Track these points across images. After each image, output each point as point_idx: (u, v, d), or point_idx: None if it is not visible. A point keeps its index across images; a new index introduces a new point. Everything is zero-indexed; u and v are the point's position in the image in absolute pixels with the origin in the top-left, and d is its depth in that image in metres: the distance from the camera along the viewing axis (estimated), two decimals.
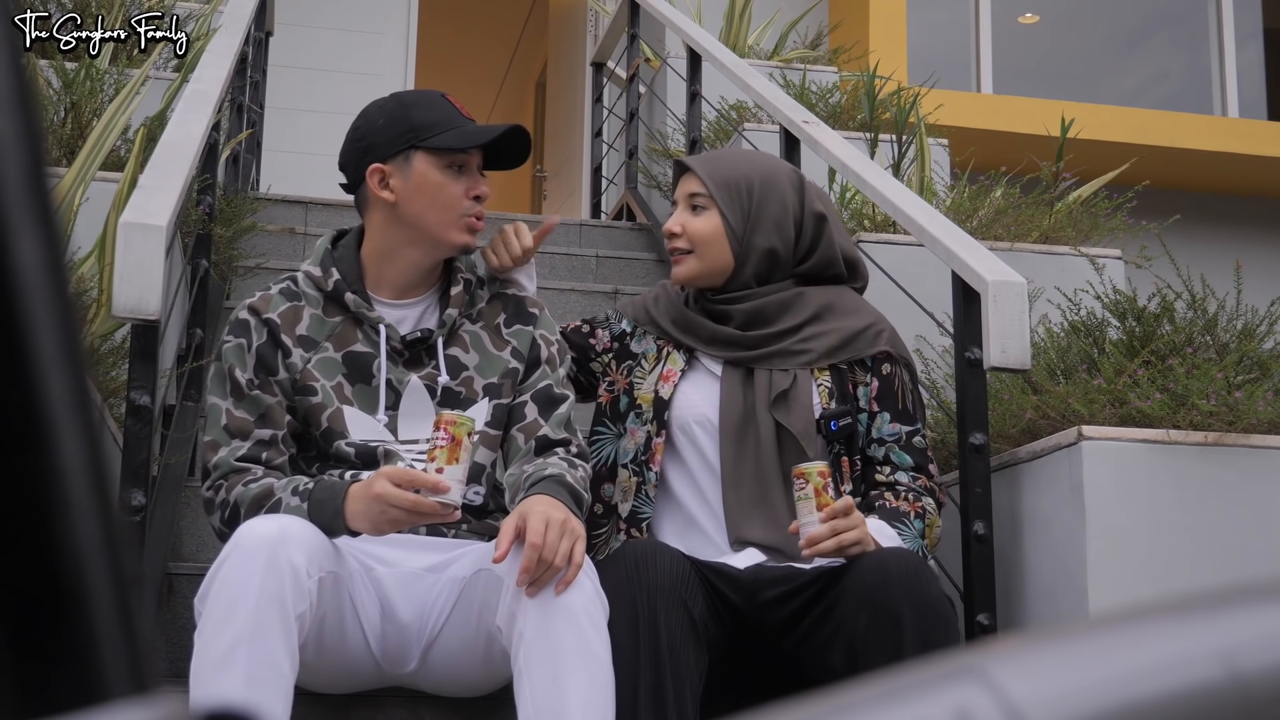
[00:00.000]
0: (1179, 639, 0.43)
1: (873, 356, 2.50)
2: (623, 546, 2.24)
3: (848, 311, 2.53)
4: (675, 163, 2.67)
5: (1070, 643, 0.43)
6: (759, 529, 2.37)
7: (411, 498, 2.02)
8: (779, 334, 2.49)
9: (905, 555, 2.21)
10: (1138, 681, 0.42)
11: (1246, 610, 0.44)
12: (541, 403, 2.38)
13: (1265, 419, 2.56)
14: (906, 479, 2.46)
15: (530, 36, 11.86)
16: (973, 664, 0.41)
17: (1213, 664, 0.42)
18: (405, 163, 2.33)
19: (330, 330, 2.33)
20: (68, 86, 3.57)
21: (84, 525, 0.37)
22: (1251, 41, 9.11)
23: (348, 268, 2.37)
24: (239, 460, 2.24)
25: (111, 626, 0.37)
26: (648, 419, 2.49)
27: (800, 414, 2.42)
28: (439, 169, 2.33)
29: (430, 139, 2.32)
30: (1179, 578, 2.51)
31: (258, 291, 2.39)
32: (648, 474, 2.46)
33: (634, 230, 5.58)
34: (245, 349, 2.30)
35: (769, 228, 2.53)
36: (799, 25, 6.19)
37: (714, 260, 2.54)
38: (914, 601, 2.12)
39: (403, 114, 2.36)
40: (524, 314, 2.45)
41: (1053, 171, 4.13)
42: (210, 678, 1.92)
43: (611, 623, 2.08)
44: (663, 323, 2.58)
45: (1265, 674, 0.42)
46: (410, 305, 2.39)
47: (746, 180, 2.55)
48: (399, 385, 2.32)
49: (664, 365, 2.54)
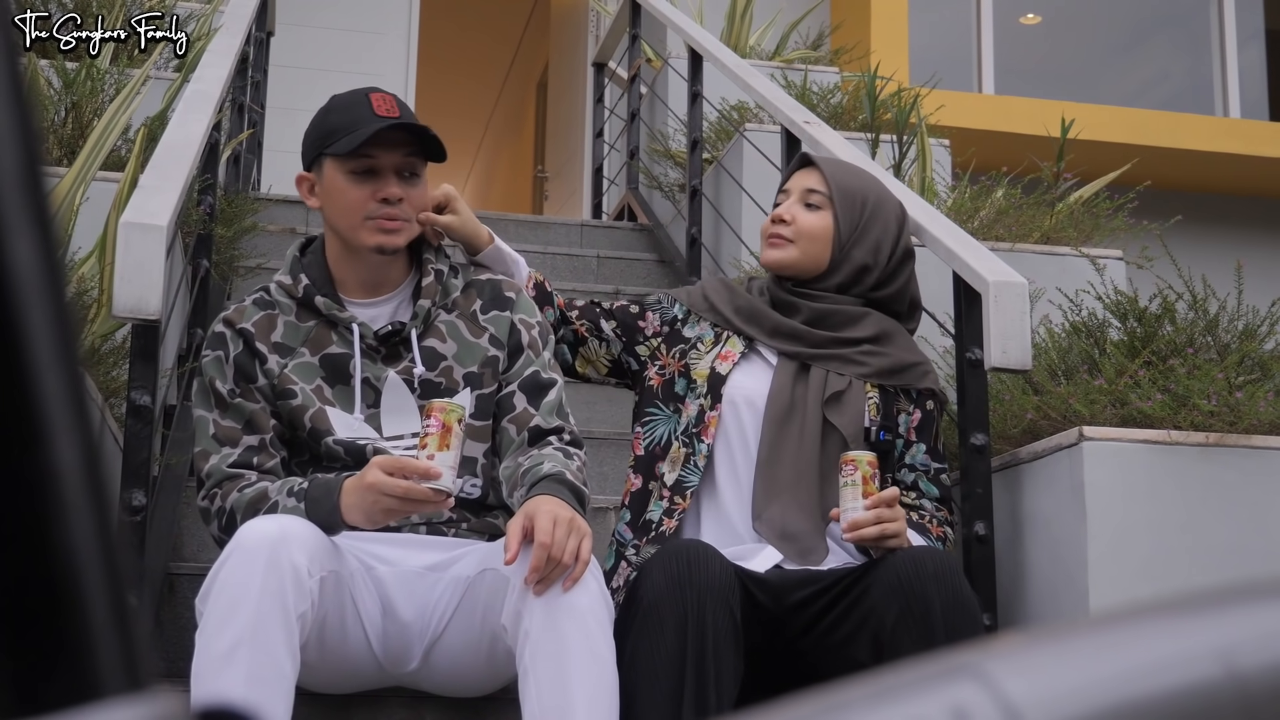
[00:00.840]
0: (1177, 637, 0.43)
1: (919, 390, 2.55)
2: (671, 545, 2.24)
3: (903, 346, 2.59)
4: (800, 155, 2.73)
5: (1068, 641, 0.43)
6: (779, 511, 2.38)
7: (404, 484, 2.02)
8: (841, 340, 2.54)
9: (939, 552, 2.27)
10: (1136, 680, 0.41)
11: (1245, 609, 0.44)
12: (530, 390, 2.36)
13: (1266, 419, 2.56)
14: (931, 506, 2.52)
15: (532, 37, 11.86)
16: (970, 662, 0.41)
17: (1211, 662, 0.42)
18: (321, 170, 2.34)
19: (305, 335, 2.34)
20: (68, 86, 3.56)
21: (80, 525, 0.37)
22: (1253, 42, 9.11)
23: (316, 272, 2.37)
24: (231, 466, 2.25)
25: (107, 625, 0.37)
26: (702, 393, 2.51)
27: (852, 417, 2.47)
28: (343, 175, 2.31)
29: (331, 145, 2.30)
30: (1180, 578, 2.51)
31: (231, 304, 2.40)
32: (698, 445, 2.48)
33: (635, 231, 5.58)
34: (223, 360, 2.31)
35: (869, 245, 2.59)
36: (800, 26, 6.18)
37: (812, 257, 2.58)
38: (946, 596, 2.15)
39: (321, 121, 2.35)
40: (500, 299, 2.43)
41: (1054, 172, 4.13)
42: (211, 677, 1.92)
43: (658, 619, 2.09)
44: (724, 311, 2.61)
45: (1264, 672, 0.42)
46: (383, 302, 2.39)
47: (864, 194, 2.62)
48: (377, 383, 2.32)
49: (723, 346, 2.57)
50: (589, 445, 3.57)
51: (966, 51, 8.63)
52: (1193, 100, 8.93)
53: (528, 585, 2.02)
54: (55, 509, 0.37)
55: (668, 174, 5.49)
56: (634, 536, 2.47)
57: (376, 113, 2.29)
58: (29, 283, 0.39)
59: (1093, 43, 9.32)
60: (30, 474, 0.37)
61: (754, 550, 2.39)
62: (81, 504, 0.38)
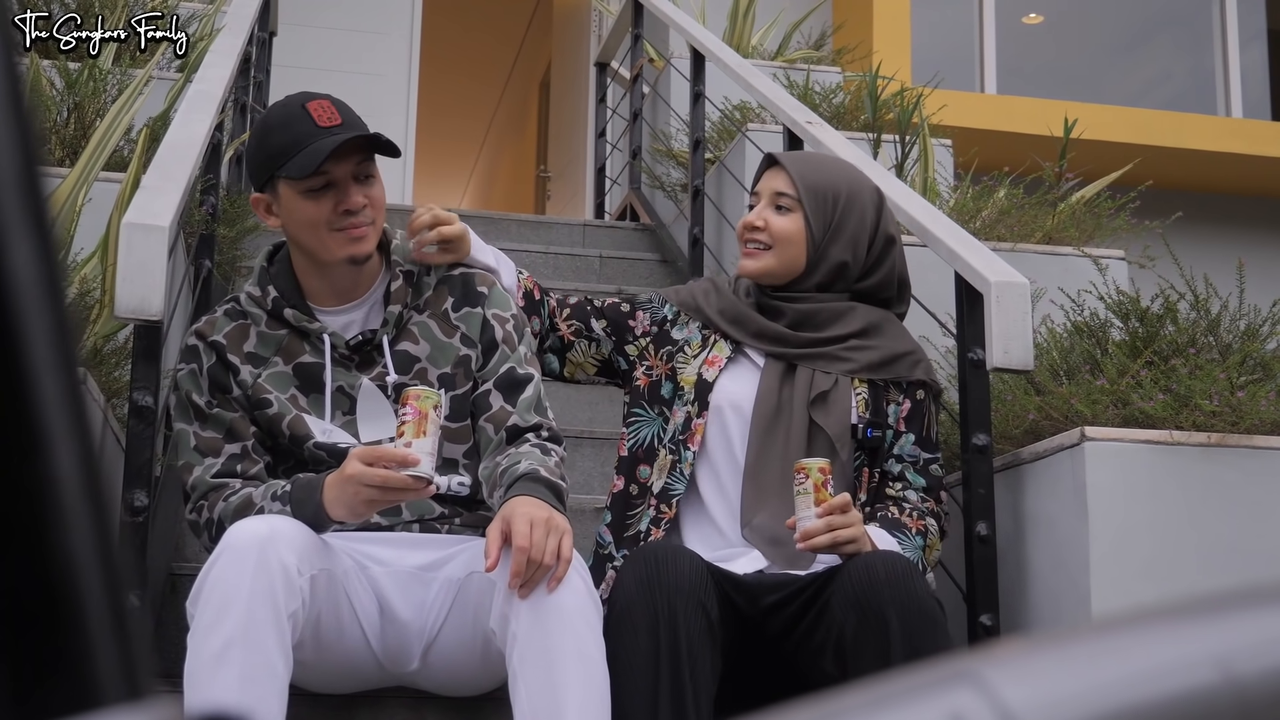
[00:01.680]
0: (1175, 643, 0.43)
1: (909, 380, 2.53)
2: (641, 548, 2.25)
3: (892, 335, 2.57)
4: (765, 156, 2.69)
5: (1065, 647, 0.43)
6: (769, 518, 2.37)
7: (382, 473, 2.02)
8: (826, 339, 2.53)
9: (893, 558, 2.21)
10: (1133, 686, 0.41)
11: (1242, 615, 0.44)
12: (505, 388, 2.34)
13: (1268, 420, 2.56)
14: (915, 498, 2.49)
15: (534, 36, 11.85)
16: (967, 669, 0.41)
17: (1209, 668, 0.42)
18: (275, 191, 2.30)
19: (278, 345, 2.33)
20: (71, 87, 3.56)
21: (78, 531, 0.37)
22: (1255, 42, 9.10)
23: (284, 283, 2.35)
24: (214, 477, 2.25)
25: (107, 633, 0.37)
26: (689, 400, 2.50)
27: (838, 416, 2.45)
28: (299, 195, 2.25)
29: (283, 167, 2.24)
30: (1182, 578, 2.51)
31: (204, 316, 2.39)
32: (684, 453, 2.47)
33: (637, 231, 5.58)
34: (198, 373, 2.31)
35: (846, 241, 2.57)
36: (802, 25, 6.18)
37: (788, 261, 2.57)
38: (901, 604, 2.12)
39: (264, 141, 2.29)
40: (472, 294, 2.39)
41: (1056, 172, 4.12)
42: (204, 678, 1.92)
43: (631, 623, 2.09)
44: (710, 313, 2.59)
45: (1261, 678, 0.42)
46: (354, 308, 2.36)
47: (834, 190, 2.58)
48: (352, 390, 2.31)
49: (709, 351, 2.56)
50: (590, 446, 3.58)
51: (969, 51, 8.62)
52: (1195, 100, 8.92)
53: (511, 589, 2.02)
54: (55, 516, 0.37)
55: (670, 174, 5.48)
56: (613, 538, 2.47)
57: (319, 125, 2.22)
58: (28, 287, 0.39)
59: (1095, 42, 9.32)
60: (30, 481, 0.37)
61: (740, 554, 2.39)
62: (81, 511, 0.38)
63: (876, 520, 2.41)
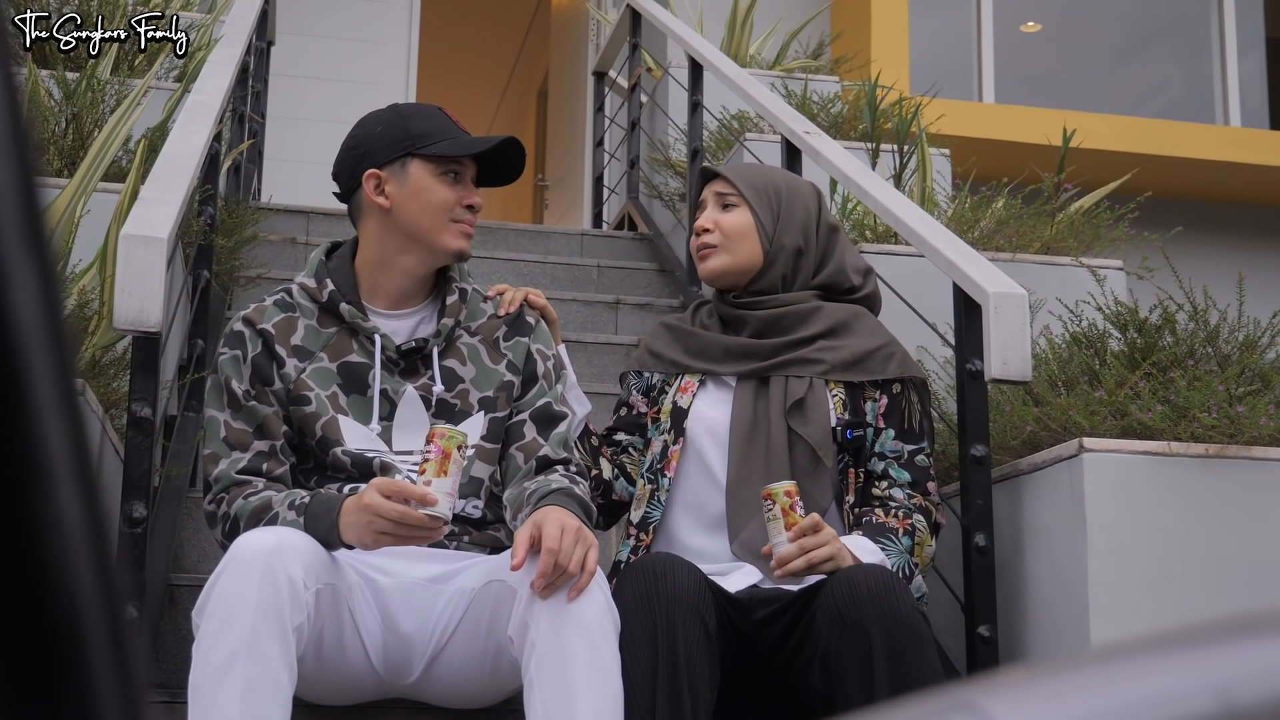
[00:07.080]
0: (1174, 673, 0.43)
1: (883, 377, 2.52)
2: (640, 559, 2.25)
3: (863, 332, 2.56)
4: (701, 170, 2.73)
5: (1064, 677, 0.43)
6: (757, 531, 2.37)
7: (399, 509, 2.02)
8: (792, 343, 2.52)
9: (874, 572, 2.19)
10: (1132, 716, 0.41)
11: (1241, 644, 0.44)
12: (540, 422, 2.39)
13: (1267, 431, 2.56)
14: (901, 495, 2.47)
15: (532, 46, 11.87)
16: (966, 699, 0.41)
17: (1208, 698, 0.42)
18: (402, 169, 2.36)
19: (325, 340, 2.34)
20: (69, 97, 3.57)
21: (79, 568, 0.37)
22: (1253, 51, 9.11)
23: (342, 278, 2.38)
24: (239, 473, 2.25)
25: (107, 670, 0.37)
26: (666, 428, 2.52)
27: (817, 423, 2.45)
28: (434, 176, 2.36)
29: (427, 147, 2.35)
30: (1180, 590, 2.51)
31: (252, 304, 2.40)
32: (661, 480, 2.48)
33: (635, 240, 5.58)
34: (241, 360, 2.31)
35: (796, 228, 2.59)
36: (800, 35, 6.19)
37: (745, 255, 2.59)
38: (883, 619, 2.11)
39: (400, 123, 2.39)
40: (522, 325, 2.46)
41: (1054, 182, 4.13)
42: (208, 690, 1.92)
43: (629, 634, 2.09)
44: (673, 356, 2.61)
45: (1260, 708, 0.42)
46: (406, 315, 2.40)
47: (773, 184, 2.64)
48: (394, 395, 2.33)
49: (681, 379, 2.58)
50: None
51: (967, 60, 8.63)
52: (1193, 109, 8.93)
53: (534, 590, 2.03)
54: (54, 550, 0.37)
55: (668, 183, 5.49)
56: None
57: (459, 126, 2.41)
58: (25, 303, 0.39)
59: (1093, 51, 9.33)
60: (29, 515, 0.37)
61: (733, 568, 2.40)
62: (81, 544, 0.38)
63: (860, 527, 2.41)
